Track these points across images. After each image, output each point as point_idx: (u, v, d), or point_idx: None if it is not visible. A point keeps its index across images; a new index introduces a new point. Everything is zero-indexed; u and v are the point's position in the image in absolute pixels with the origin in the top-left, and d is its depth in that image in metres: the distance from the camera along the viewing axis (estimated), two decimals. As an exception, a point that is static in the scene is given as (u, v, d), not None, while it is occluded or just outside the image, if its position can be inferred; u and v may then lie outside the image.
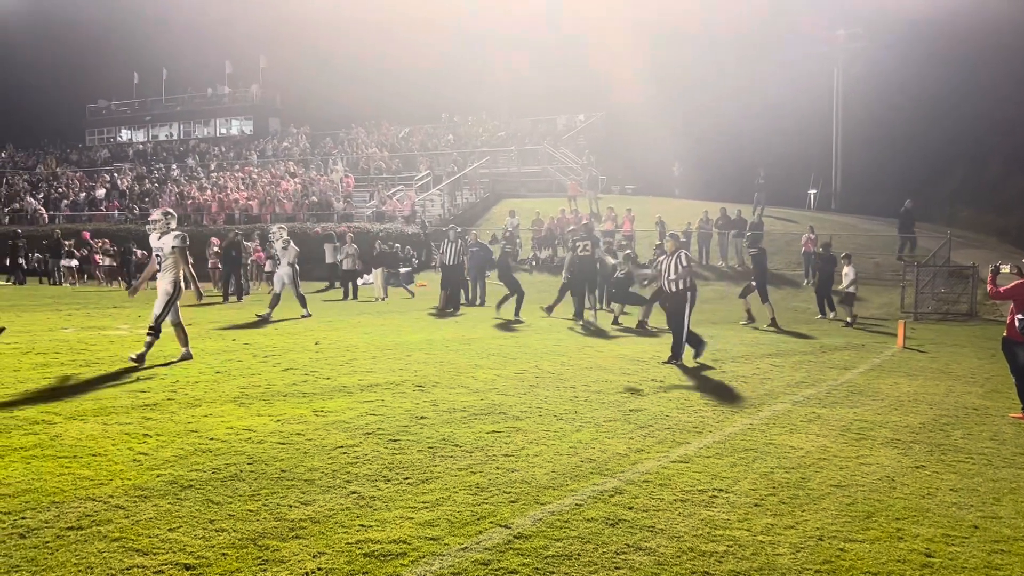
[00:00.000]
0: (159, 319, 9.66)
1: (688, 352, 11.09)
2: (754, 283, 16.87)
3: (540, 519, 4.61)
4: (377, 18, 51.05)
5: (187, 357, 9.93)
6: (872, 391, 9.20)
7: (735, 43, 41.27)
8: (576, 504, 4.88)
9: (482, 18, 48.71)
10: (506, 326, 15.23)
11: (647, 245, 24.13)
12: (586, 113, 42.91)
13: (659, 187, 35.88)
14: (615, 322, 15.87)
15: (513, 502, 4.89)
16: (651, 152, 37.05)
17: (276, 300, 16.08)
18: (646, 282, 13.81)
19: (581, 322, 15.75)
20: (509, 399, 8.04)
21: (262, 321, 15.08)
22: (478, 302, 20.54)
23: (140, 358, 9.42)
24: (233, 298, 20.95)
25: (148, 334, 9.65)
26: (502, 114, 44.90)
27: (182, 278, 9.82)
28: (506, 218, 29.10)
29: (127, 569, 3.77)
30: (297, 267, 16.65)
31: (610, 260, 17.28)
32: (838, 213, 33.99)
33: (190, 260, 10.03)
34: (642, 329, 15.12)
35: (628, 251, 18.25)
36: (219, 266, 23.88)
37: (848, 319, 17.32)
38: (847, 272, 17.58)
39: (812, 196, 36.87)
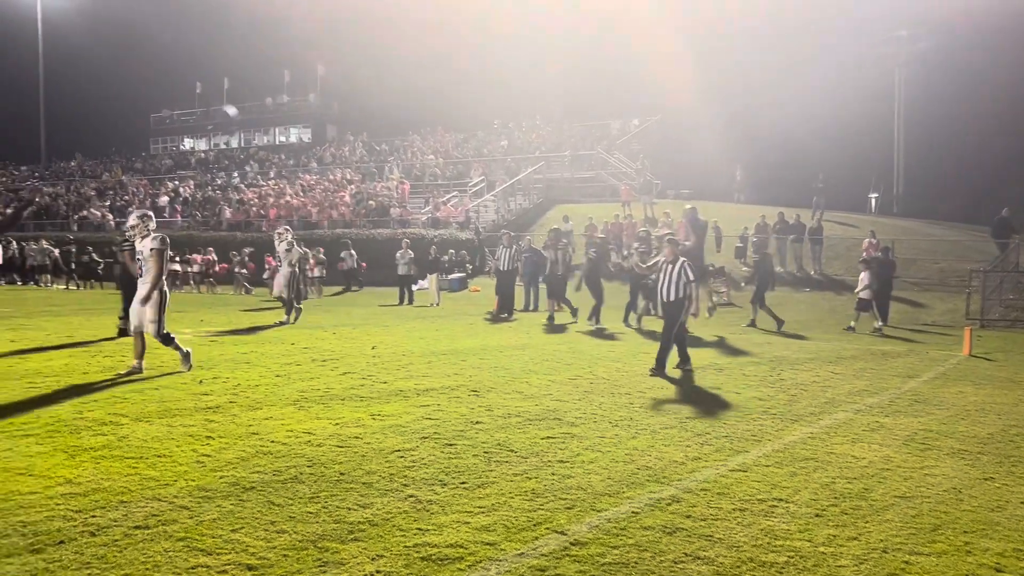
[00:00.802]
0: (161, 328, 9.26)
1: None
2: (754, 285, 16.99)
3: (596, 526, 4.59)
4: (432, 28, 51.61)
5: (137, 371, 9.21)
6: (937, 400, 8.96)
7: (793, 43, 40.72)
8: (633, 512, 4.85)
9: (535, 24, 48.86)
10: (560, 332, 15.21)
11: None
12: (640, 117, 42.69)
13: (716, 191, 35.51)
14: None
15: (569, 508, 4.88)
16: (707, 156, 36.69)
17: (291, 305, 16.00)
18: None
19: (631, 326, 15.73)
20: (564, 405, 8.03)
21: (281, 325, 15.23)
22: (532, 308, 20.56)
23: (188, 365, 9.48)
24: (292, 303, 21.29)
25: (169, 347, 9.40)
26: (556, 119, 44.92)
27: (165, 282, 9.40)
28: (560, 223, 29.07)
29: (192, 568, 3.86)
30: (297, 271, 16.46)
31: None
32: (900, 217, 33.24)
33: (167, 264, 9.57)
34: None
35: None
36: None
37: (852, 324, 17.31)
38: (863, 277, 17.47)
39: (873, 200, 36.13)
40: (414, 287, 23.80)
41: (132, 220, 9.60)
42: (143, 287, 9.20)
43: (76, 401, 7.58)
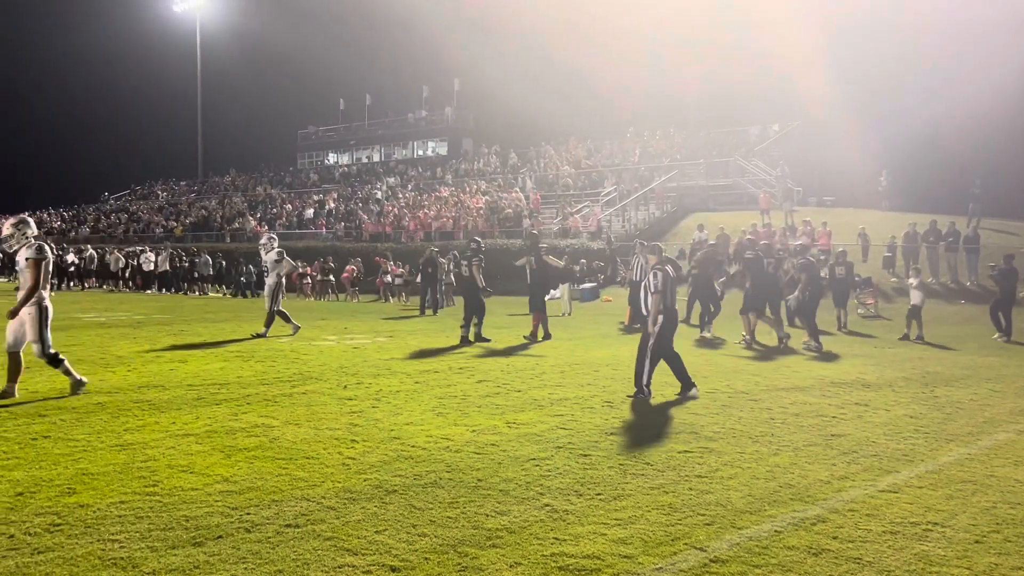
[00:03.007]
0: (46, 348, 8.06)
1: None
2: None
3: (737, 544, 4.48)
4: (564, 39, 51.88)
5: (9, 394, 8.03)
6: (1114, 423, 8.23)
7: (942, 39, 38.39)
8: (775, 530, 4.70)
9: (670, 31, 48.22)
10: (701, 344, 14.90)
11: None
12: (780, 123, 41.37)
13: (862, 198, 33.88)
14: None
15: (708, 524, 4.78)
16: (851, 161, 35.07)
17: (272, 317, 14.83)
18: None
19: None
20: (701, 418, 7.87)
21: (258, 338, 14.25)
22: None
23: (78, 391, 8.26)
24: (429, 311, 21.87)
25: (58, 369, 8.26)
26: (691, 126, 44.17)
27: (47, 295, 8.11)
28: (694, 232, 28.58)
29: (339, 567, 4.02)
30: (283, 282, 15.31)
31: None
32: (1068, 224, 30.74)
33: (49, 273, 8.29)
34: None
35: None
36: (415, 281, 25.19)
37: (919, 334, 16.44)
38: (912, 282, 17.03)
39: (1036, 206, 33.60)
40: (546, 297, 23.89)
41: (6, 230, 8.16)
42: (28, 306, 7.98)
43: (231, 403, 8.05)
